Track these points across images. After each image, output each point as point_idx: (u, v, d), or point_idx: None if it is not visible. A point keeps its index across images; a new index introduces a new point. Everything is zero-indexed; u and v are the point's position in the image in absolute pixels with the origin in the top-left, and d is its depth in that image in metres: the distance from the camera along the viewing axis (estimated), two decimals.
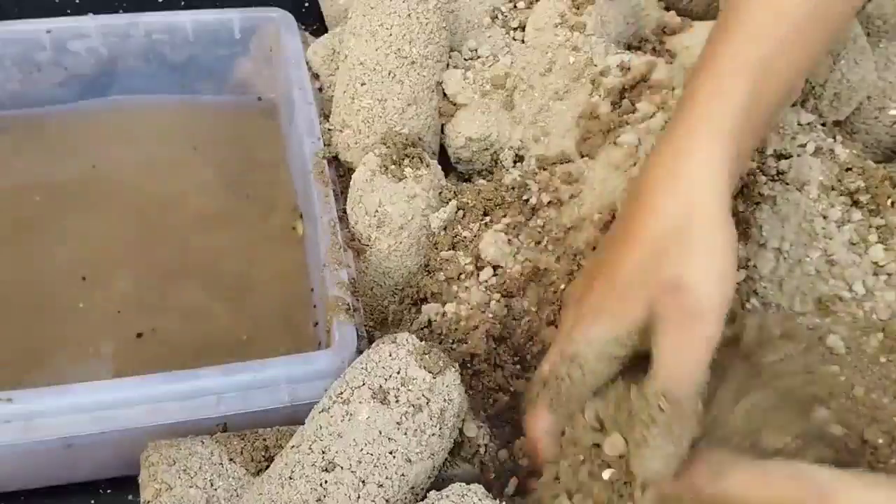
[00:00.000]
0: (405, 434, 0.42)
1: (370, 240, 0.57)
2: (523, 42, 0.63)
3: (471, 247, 0.57)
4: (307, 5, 0.77)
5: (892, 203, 0.55)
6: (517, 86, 0.61)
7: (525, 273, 0.55)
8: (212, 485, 0.45)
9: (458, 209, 0.58)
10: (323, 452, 0.41)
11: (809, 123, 0.57)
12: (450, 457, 0.46)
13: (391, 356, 0.44)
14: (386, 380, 0.43)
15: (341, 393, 0.43)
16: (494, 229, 0.57)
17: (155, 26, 0.67)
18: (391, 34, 0.58)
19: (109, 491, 0.52)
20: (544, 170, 0.58)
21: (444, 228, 0.58)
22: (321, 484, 0.41)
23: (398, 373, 0.43)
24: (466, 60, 0.63)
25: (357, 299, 0.55)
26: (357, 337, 0.51)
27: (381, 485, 0.41)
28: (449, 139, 0.63)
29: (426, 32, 0.58)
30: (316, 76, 0.68)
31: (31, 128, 0.67)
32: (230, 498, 0.45)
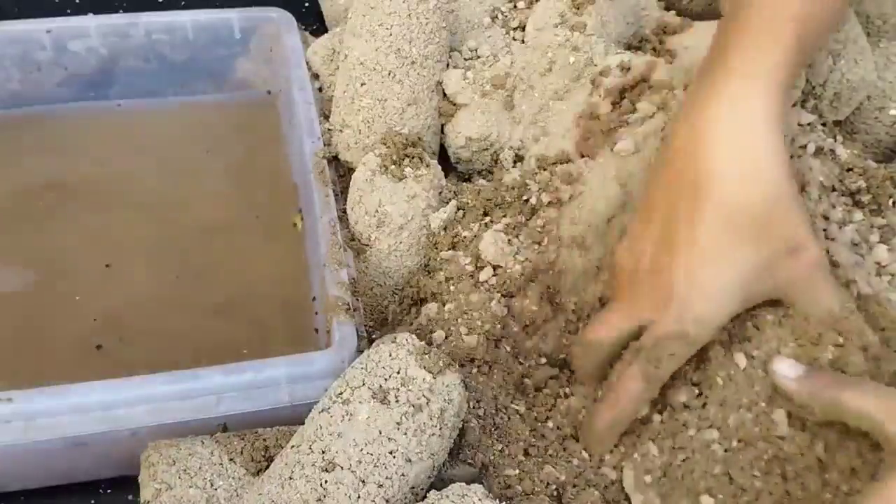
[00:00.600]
0: (405, 434, 0.42)
1: (370, 240, 0.57)
2: (523, 42, 0.62)
3: (471, 247, 0.57)
4: (307, 5, 0.77)
5: (894, 203, 0.55)
6: (517, 86, 0.61)
7: (525, 273, 0.55)
8: (212, 485, 0.45)
9: (458, 209, 0.58)
10: (323, 452, 0.41)
11: (810, 124, 0.57)
12: (450, 457, 0.46)
13: (391, 356, 0.44)
14: (386, 380, 0.43)
15: (341, 393, 0.43)
16: (494, 229, 0.57)
17: (155, 26, 0.67)
18: (391, 34, 0.58)
19: (109, 491, 0.52)
20: (544, 170, 0.58)
21: (444, 228, 0.58)
22: (321, 484, 0.41)
23: (398, 373, 0.43)
24: (466, 60, 0.63)
25: (357, 299, 0.55)
26: (357, 337, 0.51)
27: (381, 485, 0.41)
28: (449, 139, 0.63)
29: (426, 32, 0.58)
30: (316, 76, 0.68)
31: (31, 128, 0.67)
32: (230, 498, 0.45)
